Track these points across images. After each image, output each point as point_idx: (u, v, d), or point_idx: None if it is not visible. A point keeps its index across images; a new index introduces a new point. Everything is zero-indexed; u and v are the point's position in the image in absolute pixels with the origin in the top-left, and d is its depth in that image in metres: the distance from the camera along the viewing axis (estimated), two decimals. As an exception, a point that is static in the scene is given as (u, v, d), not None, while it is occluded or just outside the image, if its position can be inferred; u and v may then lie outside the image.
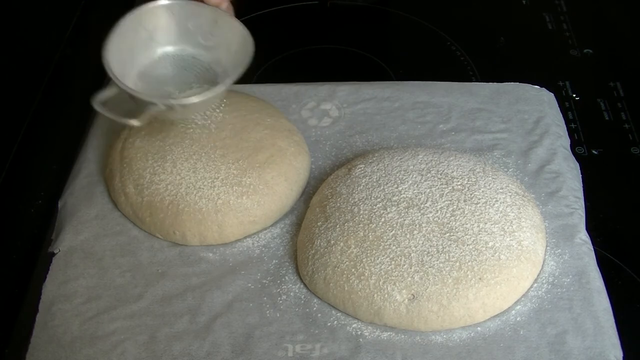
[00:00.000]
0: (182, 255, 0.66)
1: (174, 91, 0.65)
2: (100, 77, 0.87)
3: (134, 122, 0.61)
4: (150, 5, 0.66)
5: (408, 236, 0.61)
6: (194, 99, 0.61)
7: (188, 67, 0.67)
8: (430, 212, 0.63)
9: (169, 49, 0.68)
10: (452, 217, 0.62)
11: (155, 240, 0.67)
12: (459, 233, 0.61)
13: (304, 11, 0.99)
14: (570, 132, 0.78)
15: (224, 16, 0.66)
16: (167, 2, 0.66)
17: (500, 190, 0.65)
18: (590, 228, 0.67)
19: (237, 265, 0.65)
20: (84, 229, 0.68)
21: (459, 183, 0.65)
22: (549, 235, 0.66)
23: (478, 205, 0.63)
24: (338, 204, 0.65)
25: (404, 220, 0.63)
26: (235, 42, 0.66)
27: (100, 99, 0.61)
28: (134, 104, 0.63)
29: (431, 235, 0.61)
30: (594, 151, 0.79)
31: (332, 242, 0.63)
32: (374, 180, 0.66)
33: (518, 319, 0.60)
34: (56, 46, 0.92)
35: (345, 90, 0.80)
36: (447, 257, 0.60)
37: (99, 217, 0.69)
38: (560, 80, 0.87)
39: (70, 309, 0.62)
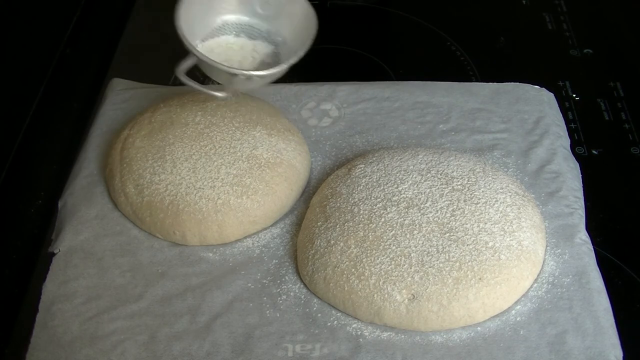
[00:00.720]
0: (182, 255, 0.66)
1: (241, 60, 0.67)
2: (101, 77, 0.88)
3: (221, 94, 0.63)
4: None
5: (408, 236, 0.61)
6: (273, 70, 0.63)
7: (247, 35, 0.69)
8: (430, 212, 0.63)
9: (228, 17, 0.69)
10: (452, 217, 0.62)
11: (155, 240, 0.67)
12: (459, 233, 0.61)
13: (304, 11, 0.98)
14: (570, 132, 0.78)
15: None
16: None
17: (500, 190, 0.65)
18: (590, 228, 0.67)
19: (237, 265, 0.65)
20: (84, 229, 0.68)
21: (459, 183, 0.65)
22: (549, 235, 0.66)
23: (478, 205, 0.63)
24: (338, 204, 0.65)
25: (404, 220, 0.63)
26: (297, 14, 0.67)
27: (183, 69, 0.62)
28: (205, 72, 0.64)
29: (431, 235, 0.61)
30: (594, 151, 0.79)
31: (332, 242, 0.63)
32: (374, 180, 0.66)
33: (518, 319, 0.60)
34: (56, 46, 0.92)
35: (345, 90, 0.80)
36: (447, 257, 0.60)
37: (99, 217, 0.69)
38: (560, 80, 0.87)
39: (70, 309, 0.62)
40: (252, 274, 0.65)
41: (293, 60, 0.64)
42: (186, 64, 0.63)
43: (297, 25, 0.67)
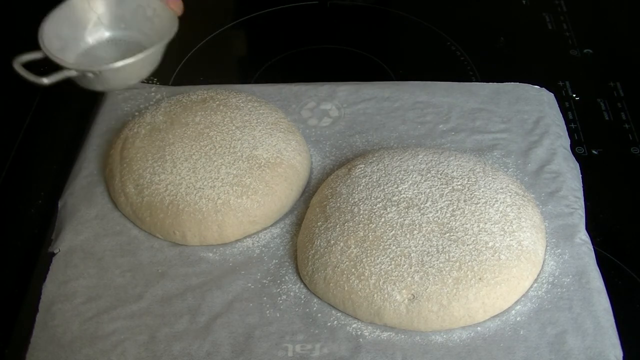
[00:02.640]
0: (182, 255, 0.66)
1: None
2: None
3: (44, 80, 0.64)
4: None
5: (408, 236, 0.61)
6: (102, 68, 0.65)
7: (132, 51, 0.70)
8: (430, 212, 0.63)
9: (117, 33, 0.72)
10: (452, 217, 0.62)
11: (155, 240, 0.67)
12: (459, 233, 0.61)
13: (304, 11, 0.99)
14: (570, 132, 0.78)
15: (156, 4, 0.70)
16: None
17: (500, 190, 0.65)
18: (590, 228, 0.67)
19: (237, 265, 0.65)
20: (84, 229, 0.68)
21: (459, 183, 0.65)
22: (549, 235, 0.66)
23: (478, 205, 0.63)
24: (338, 204, 0.65)
25: (404, 220, 0.63)
26: (166, 27, 0.70)
27: (21, 60, 0.65)
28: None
29: (431, 235, 0.61)
30: (594, 151, 0.79)
31: (332, 242, 0.63)
32: (374, 180, 0.66)
33: (518, 319, 0.60)
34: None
35: (345, 90, 0.80)
36: (447, 257, 0.60)
37: (99, 217, 0.69)
38: (560, 80, 0.87)
39: (70, 309, 0.62)
40: (252, 274, 0.65)
41: (130, 60, 0.66)
42: (29, 55, 0.66)
43: (157, 24, 0.71)
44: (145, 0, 0.71)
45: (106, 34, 0.72)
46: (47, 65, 0.65)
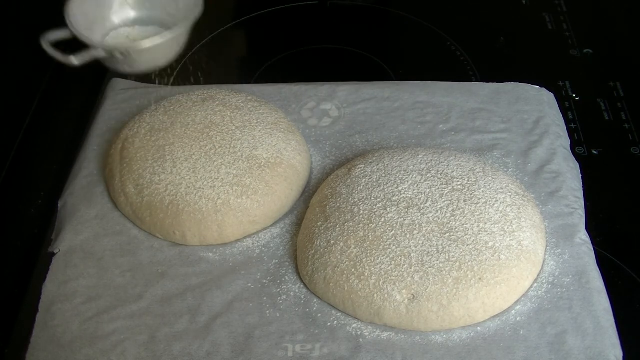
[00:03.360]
0: (182, 255, 0.66)
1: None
2: (101, 77, 0.88)
3: (73, 60, 0.65)
4: None
5: (408, 236, 0.61)
6: (132, 46, 0.66)
7: (157, 31, 0.71)
8: (430, 212, 0.63)
9: (142, 13, 0.73)
10: (452, 217, 0.62)
11: (155, 240, 0.67)
12: (459, 233, 0.61)
13: (304, 11, 0.99)
14: (570, 132, 0.78)
15: None
16: None
17: (500, 190, 0.65)
18: (590, 228, 0.67)
19: (237, 265, 0.65)
20: (84, 229, 0.68)
21: (459, 183, 0.65)
22: (549, 235, 0.66)
23: (478, 205, 0.63)
24: (338, 204, 0.65)
25: (404, 220, 0.63)
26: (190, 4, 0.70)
27: (49, 39, 0.65)
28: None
29: (431, 235, 0.61)
30: (594, 151, 0.79)
31: (332, 242, 0.63)
32: (374, 180, 0.66)
33: (518, 319, 0.60)
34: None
35: (345, 90, 0.80)
36: (447, 257, 0.60)
37: (99, 217, 0.69)
38: (560, 80, 0.87)
39: (70, 309, 0.62)
40: (252, 274, 0.65)
41: (157, 40, 0.66)
42: (56, 34, 0.66)
43: (181, 4, 0.71)
44: None
45: (132, 14, 0.72)
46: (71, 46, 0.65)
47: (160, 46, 0.66)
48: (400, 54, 0.95)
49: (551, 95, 0.80)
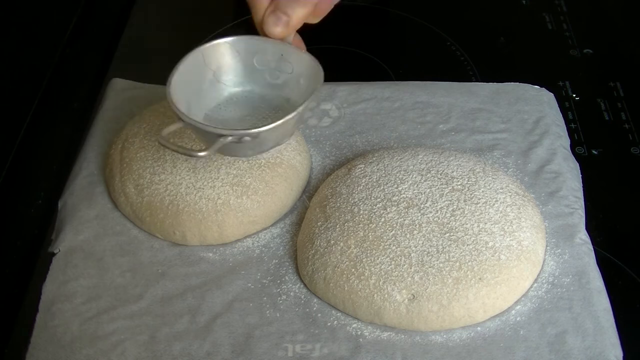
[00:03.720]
0: (182, 255, 0.66)
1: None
2: (101, 77, 0.88)
3: (202, 154, 0.57)
4: (212, 42, 0.63)
5: (408, 236, 0.61)
6: (261, 129, 0.57)
7: (255, 108, 0.64)
8: (430, 212, 0.63)
9: (236, 89, 0.64)
10: (452, 217, 0.62)
11: (155, 240, 0.67)
12: (459, 233, 0.61)
13: (304, 11, 0.98)
14: (570, 132, 0.78)
15: (290, 49, 0.62)
16: (230, 39, 0.62)
17: (500, 190, 0.65)
18: (590, 228, 0.67)
19: (237, 265, 0.65)
20: (84, 229, 0.68)
21: (459, 183, 0.65)
22: (549, 235, 0.66)
23: (478, 205, 0.63)
24: (338, 204, 0.65)
25: (404, 220, 0.63)
26: (304, 75, 0.62)
27: (165, 134, 0.58)
28: (200, 141, 0.60)
29: (431, 235, 0.61)
30: (594, 151, 0.79)
31: (332, 242, 0.63)
32: (374, 180, 0.66)
33: (518, 319, 0.60)
34: (56, 46, 0.92)
35: (345, 90, 0.80)
36: (447, 257, 0.60)
37: (99, 217, 0.69)
38: (560, 80, 0.87)
39: (70, 309, 0.62)
40: (252, 274, 0.65)
41: (289, 116, 0.58)
42: (169, 129, 0.59)
43: (302, 83, 0.62)
44: (263, 45, 0.62)
45: (225, 92, 0.64)
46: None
47: (287, 123, 0.58)
48: (400, 54, 0.95)
49: (551, 95, 0.80)
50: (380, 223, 0.63)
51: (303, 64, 0.62)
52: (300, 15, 0.60)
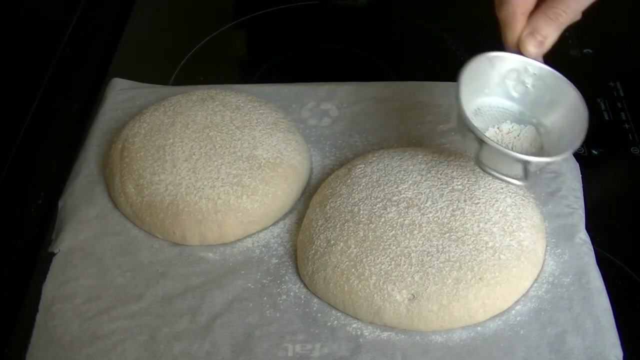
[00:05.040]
0: (182, 255, 0.66)
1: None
2: (101, 77, 0.88)
3: (519, 183, 0.58)
4: (489, 54, 0.63)
5: (408, 236, 0.61)
6: (554, 159, 0.59)
7: (499, 118, 0.64)
8: (430, 212, 0.63)
9: (486, 99, 0.64)
10: (452, 217, 0.62)
11: (155, 240, 0.67)
12: (459, 233, 0.61)
13: (304, 11, 0.99)
14: (570, 132, 0.78)
15: (534, 64, 0.64)
16: (492, 54, 0.63)
17: (500, 190, 0.65)
18: (590, 228, 0.67)
19: (237, 265, 0.65)
20: (84, 229, 0.68)
21: (459, 183, 0.65)
22: (549, 235, 0.66)
23: (478, 205, 0.63)
24: (338, 204, 0.65)
25: (404, 220, 0.63)
26: (557, 99, 0.64)
27: (482, 160, 0.59)
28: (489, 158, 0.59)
29: (431, 235, 0.61)
30: (594, 151, 0.79)
31: (332, 242, 0.63)
32: (374, 180, 0.66)
33: (518, 319, 0.60)
34: (56, 46, 0.92)
35: (345, 90, 0.80)
36: (447, 257, 0.60)
37: (99, 217, 0.69)
38: (560, 81, 0.86)
39: (70, 309, 0.62)
40: (252, 274, 0.65)
41: (568, 152, 0.59)
42: (482, 154, 0.58)
43: (563, 115, 0.63)
44: (517, 63, 0.63)
45: (474, 103, 0.63)
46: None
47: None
48: (400, 54, 0.95)
49: (551, 96, 0.80)
50: (380, 223, 0.63)
51: (562, 93, 0.65)
52: (555, 38, 0.65)
